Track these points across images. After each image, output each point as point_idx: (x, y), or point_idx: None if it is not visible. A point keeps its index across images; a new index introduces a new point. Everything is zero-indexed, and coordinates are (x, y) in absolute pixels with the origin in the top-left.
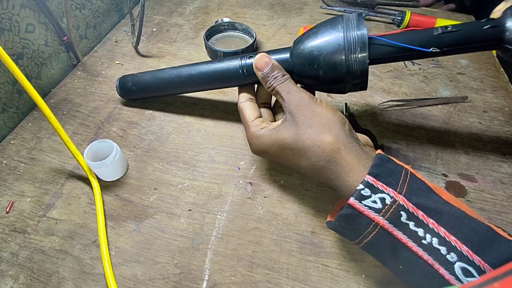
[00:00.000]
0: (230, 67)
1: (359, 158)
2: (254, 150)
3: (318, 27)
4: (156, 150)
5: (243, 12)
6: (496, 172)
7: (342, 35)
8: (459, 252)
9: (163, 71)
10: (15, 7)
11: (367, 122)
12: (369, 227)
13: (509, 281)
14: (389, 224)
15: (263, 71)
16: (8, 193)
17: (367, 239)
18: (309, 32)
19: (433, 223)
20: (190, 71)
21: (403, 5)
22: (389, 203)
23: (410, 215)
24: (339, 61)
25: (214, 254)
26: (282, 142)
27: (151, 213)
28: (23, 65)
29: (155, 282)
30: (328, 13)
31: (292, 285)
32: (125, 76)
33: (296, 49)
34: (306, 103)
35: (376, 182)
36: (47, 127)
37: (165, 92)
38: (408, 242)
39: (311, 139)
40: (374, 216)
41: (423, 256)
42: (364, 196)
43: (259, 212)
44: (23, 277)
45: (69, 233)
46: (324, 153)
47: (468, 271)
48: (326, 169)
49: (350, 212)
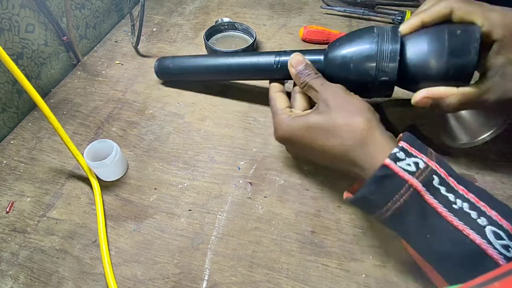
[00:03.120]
0: (265, 61)
1: (389, 141)
2: (279, 135)
3: (355, 35)
4: (156, 150)
5: (243, 12)
6: (496, 172)
7: (376, 46)
8: (489, 217)
9: (202, 57)
10: (15, 7)
11: None
12: (402, 188)
13: (509, 281)
14: (422, 187)
15: (297, 68)
16: (8, 193)
17: (398, 204)
18: (345, 38)
19: (462, 189)
20: (228, 61)
21: (403, 5)
22: (422, 167)
23: (442, 180)
24: (370, 68)
25: (214, 254)
26: (311, 124)
27: (151, 213)
28: (23, 65)
29: (155, 282)
30: (328, 13)
31: (292, 285)
32: (164, 57)
33: (330, 52)
34: (340, 94)
35: (410, 148)
36: (47, 127)
37: (200, 77)
38: (438, 207)
39: (344, 119)
40: (408, 177)
41: (453, 222)
42: (399, 158)
43: (259, 212)
44: (23, 277)
45: (69, 233)
46: (355, 133)
47: (498, 235)
48: (356, 149)
49: (385, 173)
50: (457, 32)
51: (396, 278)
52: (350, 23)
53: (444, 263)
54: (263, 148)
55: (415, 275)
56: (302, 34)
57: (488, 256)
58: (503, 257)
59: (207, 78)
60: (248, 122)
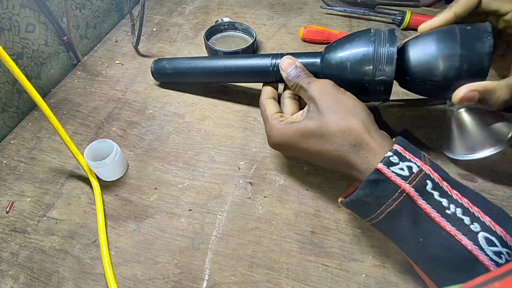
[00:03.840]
0: (262, 64)
1: (384, 143)
2: (273, 142)
3: (352, 37)
4: (156, 150)
5: (243, 12)
6: (496, 172)
7: (373, 48)
8: (482, 223)
9: (199, 59)
10: (15, 7)
11: None
12: (395, 194)
13: (509, 281)
14: (414, 192)
15: (287, 71)
16: (8, 193)
17: (390, 208)
18: (342, 41)
19: (456, 194)
20: (224, 63)
21: (403, 5)
22: (415, 172)
23: (435, 185)
24: (367, 70)
25: (214, 254)
26: (304, 130)
27: (151, 213)
28: (23, 65)
29: (155, 282)
30: (328, 13)
31: (292, 285)
32: (160, 59)
33: (327, 55)
34: (329, 90)
35: (404, 151)
36: (47, 127)
37: (196, 79)
38: (431, 213)
39: (337, 124)
40: (400, 182)
41: (445, 227)
42: (392, 162)
43: (259, 212)
44: (23, 277)
45: (69, 233)
46: (350, 137)
47: (491, 241)
48: (351, 153)
49: (377, 178)
50: (468, 28)
51: (396, 278)
52: (350, 23)
53: (435, 268)
54: (263, 148)
55: (415, 275)
56: (302, 34)
57: (479, 262)
58: (494, 263)
59: (204, 80)
60: (248, 122)
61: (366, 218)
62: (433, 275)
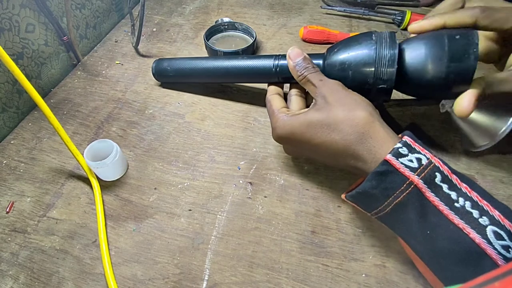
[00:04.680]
0: (264, 64)
1: (392, 135)
2: (278, 134)
3: (354, 39)
4: (156, 150)
5: (243, 12)
6: (496, 172)
7: (375, 50)
8: (491, 216)
9: (200, 59)
10: (15, 7)
11: None
12: (402, 185)
13: (509, 281)
14: (423, 184)
15: (295, 61)
16: (8, 193)
17: (398, 200)
18: (344, 43)
19: (466, 187)
20: (226, 64)
21: (404, 5)
22: (425, 164)
23: (444, 177)
24: (368, 73)
25: (214, 254)
26: (311, 120)
27: (151, 213)
28: (23, 65)
29: (155, 282)
30: (328, 13)
31: (292, 285)
32: (161, 59)
33: (329, 57)
34: (339, 90)
35: (414, 143)
36: (47, 127)
37: (198, 79)
38: (440, 206)
39: (344, 114)
40: (409, 174)
41: (453, 220)
42: (401, 154)
43: (259, 212)
44: (23, 277)
45: (69, 233)
46: (358, 126)
47: (499, 235)
48: (358, 143)
49: (386, 169)
50: (456, 37)
51: (396, 278)
52: (350, 23)
53: (441, 261)
54: (263, 148)
55: (415, 275)
56: (302, 34)
57: (487, 256)
58: (502, 257)
59: (205, 80)
60: (248, 122)
61: (373, 211)
62: (439, 270)
